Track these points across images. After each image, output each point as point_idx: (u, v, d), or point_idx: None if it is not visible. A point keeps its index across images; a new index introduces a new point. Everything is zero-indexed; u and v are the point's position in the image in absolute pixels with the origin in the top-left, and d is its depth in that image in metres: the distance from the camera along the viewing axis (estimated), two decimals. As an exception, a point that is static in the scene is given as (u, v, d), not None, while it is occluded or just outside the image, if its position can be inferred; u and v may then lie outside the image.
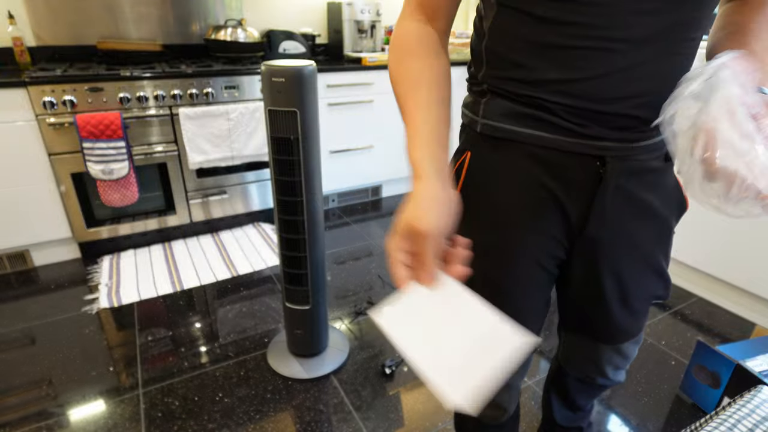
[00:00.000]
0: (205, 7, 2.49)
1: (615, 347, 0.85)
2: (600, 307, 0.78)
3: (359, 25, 2.74)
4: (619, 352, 0.86)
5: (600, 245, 0.70)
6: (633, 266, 0.74)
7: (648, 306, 0.82)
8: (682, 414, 1.38)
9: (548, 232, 0.69)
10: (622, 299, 0.76)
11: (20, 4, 2.11)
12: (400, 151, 2.85)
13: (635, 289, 0.76)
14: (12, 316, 1.76)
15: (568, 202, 0.66)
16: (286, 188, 1.29)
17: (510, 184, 0.68)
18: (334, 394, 1.43)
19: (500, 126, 0.66)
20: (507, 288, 0.73)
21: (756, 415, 0.68)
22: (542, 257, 0.71)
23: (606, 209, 0.67)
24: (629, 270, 0.74)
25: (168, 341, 1.64)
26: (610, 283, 0.74)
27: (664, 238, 0.76)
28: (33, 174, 1.91)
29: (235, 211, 2.44)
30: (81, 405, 1.37)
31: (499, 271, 0.72)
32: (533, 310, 0.76)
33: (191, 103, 2.10)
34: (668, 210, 0.73)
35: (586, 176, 0.65)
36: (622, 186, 0.66)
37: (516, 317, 0.74)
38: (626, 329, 0.82)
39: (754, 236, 1.69)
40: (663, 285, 0.79)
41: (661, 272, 0.78)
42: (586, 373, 0.93)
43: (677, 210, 0.76)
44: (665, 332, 1.72)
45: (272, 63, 1.18)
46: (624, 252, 0.72)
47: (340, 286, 1.99)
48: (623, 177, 0.65)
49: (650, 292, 0.79)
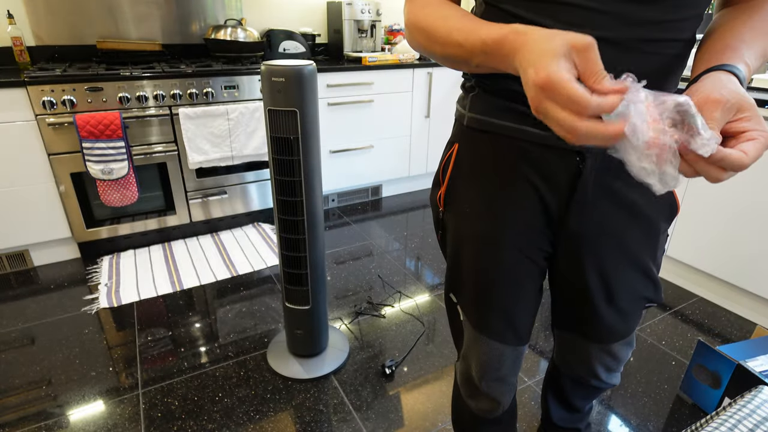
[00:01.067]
0: (205, 6, 2.49)
1: (604, 347, 0.85)
2: (587, 304, 0.78)
3: (359, 24, 2.74)
4: (609, 352, 0.85)
5: (583, 241, 0.71)
6: (618, 265, 0.74)
7: (638, 308, 0.80)
8: (682, 414, 1.38)
9: (530, 223, 0.71)
10: (608, 297, 0.77)
11: (20, 4, 2.11)
12: (400, 151, 2.85)
13: (620, 288, 0.76)
14: (12, 316, 1.76)
15: (548, 195, 0.68)
16: (286, 188, 1.28)
17: (493, 176, 0.70)
18: (334, 394, 1.43)
19: (484, 119, 0.69)
20: (494, 277, 0.74)
21: (757, 415, 0.68)
22: (526, 248, 0.73)
23: (586, 204, 0.68)
24: (614, 268, 0.74)
25: (168, 341, 1.64)
26: (595, 280, 0.75)
27: (652, 240, 0.75)
28: (32, 174, 1.91)
29: (235, 211, 2.43)
30: (81, 405, 1.37)
31: (486, 259, 0.74)
32: (521, 298, 0.77)
33: (191, 102, 2.10)
34: (655, 211, 0.73)
35: (566, 170, 0.66)
36: (604, 183, 0.67)
37: (504, 306, 0.76)
38: (614, 329, 0.81)
39: (755, 236, 1.69)
40: (652, 287, 0.78)
41: (648, 273, 0.77)
42: (578, 372, 0.93)
43: (667, 212, 0.75)
44: (665, 332, 1.72)
45: (272, 63, 1.18)
46: (608, 249, 0.73)
47: (340, 286, 1.99)
48: (604, 173, 0.66)
49: (638, 293, 0.78)
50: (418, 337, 1.68)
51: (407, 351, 1.61)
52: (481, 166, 0.71)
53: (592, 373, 0.90)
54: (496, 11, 0.62)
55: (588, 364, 0.89)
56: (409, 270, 2.13)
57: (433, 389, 1.45)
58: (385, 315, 1.80)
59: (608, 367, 0.89)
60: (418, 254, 2.27)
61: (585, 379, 0.93)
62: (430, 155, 2.99)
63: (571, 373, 0.97)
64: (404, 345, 1.64)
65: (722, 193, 1.76)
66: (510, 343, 0.79)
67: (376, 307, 1.85)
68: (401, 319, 1.78)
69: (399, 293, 1.95)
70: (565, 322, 0.87)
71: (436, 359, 1.57)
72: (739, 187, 1.71)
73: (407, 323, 1.76)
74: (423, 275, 2.09)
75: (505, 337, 0.78)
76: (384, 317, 1.79)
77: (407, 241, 2.41)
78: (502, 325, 0.77)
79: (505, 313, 0.77)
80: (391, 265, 2.17)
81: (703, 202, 1.84)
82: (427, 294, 1.95)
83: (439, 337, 1.68)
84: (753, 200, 1.68)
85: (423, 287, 1.99)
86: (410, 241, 2.40)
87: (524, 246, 0.73)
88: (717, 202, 1.79)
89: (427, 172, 3.07)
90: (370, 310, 1.83)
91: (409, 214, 2.74)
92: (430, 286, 2.00)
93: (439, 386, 1.46)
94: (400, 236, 2.46)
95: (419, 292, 1.96)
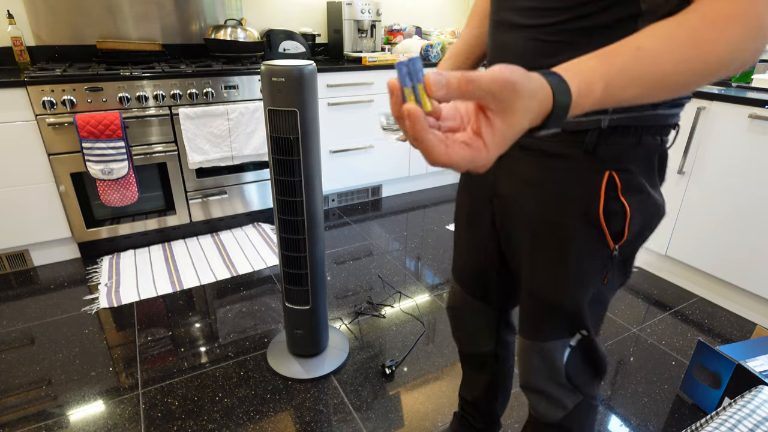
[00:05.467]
0: (205, 6, 2.49)
1: (535, 344, 0.76)
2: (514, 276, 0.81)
3: (359, 24, 2.74)
4: (542, 353, 0.75)
5: (505, 207, 0.76)
6: (531, 257, 0.72)
7: (560, 311, 0.71)
8: (682, 414, 1.38)
9: (474, 186, 0.82)
10: (518, 268, 0.77)
11: (20, 4, 2.11)
12: (400, 151, 2.85)
13: (531, 272, 0.73)
14: (12, 316, 1.76)
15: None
16: (286, 188, 1.28)
17: None
18: (334, 394, 1.43)
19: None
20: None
21: (757, 415, 0.68)
22: (474, 206, 0.84)
23: (500, 177, 0.74)
24: (527, 258, 0.73)
25: (168, 341, 1.64)
26: (509, 251, 0.79)
27: (560, 245, 0.67)
28: (33, 174, 1.91)
29: (235, 211, 2.43)
30: (81, 405, 1.37)
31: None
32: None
33: (191, 102, 2.10)
34: (561, 210, 0.66)
35: None
36: (509, 158, 0.70)
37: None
38: (534, 319, 0.75)
39: (754, 236, 1.69)
40: (564, 300, 0.70)
41: (560, 286, 0.69)
42: (521, 378, 0.83)
43: (583, 220, 0.64)
44: (665, 332, 1.72)
45: (272, 63, 1.18)
46: (524, 228, 0.72)
47: (340, 286, 1.99)
48: (512, 151, 0.66)
49: (546, 292, 0.71)
50: (418, 337, 1.68)
51: (407, 351, 1.61)
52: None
53: (528, 384, 0.81)
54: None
55: (524, 369, 0.81)
56: (409, 270, 2.13)
57: (433, 389, 1.45)
58: (385, 315, 1.80)
59: (544, 378, 0.77)
60: (418, 254, 2.27)
61: (528, 396, 0.84)
62: (430, 155, 2.99)
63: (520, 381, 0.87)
64: (404, 345, 1.64)
65: (722, 193, 1.76)
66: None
67: (376, 307, 1.85)
68: (401, 319, 1.78)
69: (399, 293, 1.95)
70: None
71: (436, 359, 1.57)
72: (739, 187, 1.71)
73: (407, 323, 1.76)
74: (423, 275, 2.09)
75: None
76: (384, 317, 1.79)
77: (407, 241, 2.41)
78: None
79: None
80: (391, 265, 2.17)
81: (702, 203, 1.84)
82: (427, 294, 1.95)
83: (439, 337, 1.68)
84: (753, 200, 1.68)
85: (423, 287, 1.99)
86: (410, 241, 2.40)
87: (473, 206, 0.89)
88: (717, 203, 1.79)
89: (427, 172, 3.07)
90: (370, 310, 1.83)
91: (409, 214, 2.74)
92: (430, 286, 2.00)
93: (439, 386, 1.46)
94: (400, 236, 2.46)
95: (419, 292, 1.96)
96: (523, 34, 0.63)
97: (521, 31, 0.64)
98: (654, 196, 0.65)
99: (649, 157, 0.63)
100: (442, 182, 3.24)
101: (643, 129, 0.61)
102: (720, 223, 1.79)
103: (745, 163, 1.68)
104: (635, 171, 0.62)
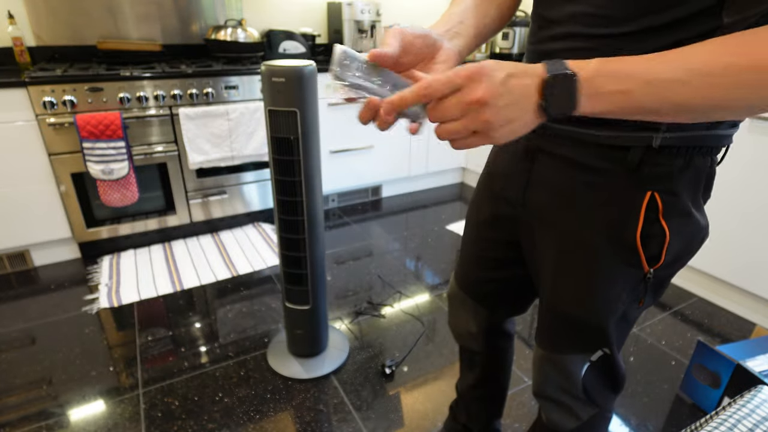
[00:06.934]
0: (205, 7, 2.49)
1: (551, 356, 0.74)
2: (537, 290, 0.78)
3: (359, 25, 2.74)
4: (559, 365, 0.73)
5: (532, 217, 0.71)
6: (561, 269, 0.68)
7: (584, 330, 0.69)
8: (682, 414, 1.38)
9: (496, 193, 0.78)
10: (548, 287, 0.72)
11: (20, 4, 2.11)
12: (400, 151, 2.85)
13: (558, 284, 0.70)
14: (12, 316, 1.76)
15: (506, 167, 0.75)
16: (286, 188, 1.29)
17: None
18: (334, 394, 1.43)
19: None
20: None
21: (756, 415, 0.68)
22: (489, 208, 0.81)
23: (532, 186, 0.69)
24: (557, 270, 0.68)
25: (168, 341, 1.64)
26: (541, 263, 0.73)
27: (589, 263, 0.64)
28: (33, 174, 1.91)
29: (235, 211, 2.43)
30: (81, 405, 1.37)
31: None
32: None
33: (191, 103, 2.10)
34: (592, 228, 0.62)
35: (517, 150, 0.71)
36: (546, 171, 0.66)
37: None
38: (554, 331, 0.73)
39: (754, 236, 1.69)
40: (590, 319, 0.67)
41: (588, 306, 0.66)
42: (534, 385, 0.81)
43: (617, 240, 0.60)
44: (665, 332, 1.72)
45: (272, 63, 1.18)
46: (551, 241, 0.68)
47: (340, 286, 1.99)
48: (547, 159, 0.66)
49: (571, 308, 0.69)
50: (418, 337, 1.68)
51: (407, 351, 1.61)
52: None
53: (541, 392, 0.79)
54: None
55: (538, 378, 0.79)
56: (409, 270, 2.13)
57: (433, 389, 1.45)
58: (385, 315, 1.81)
59: (560, 390, 0.75)
60: (418, 254, 2.27)
61: (539, 401, 0.83)
62: (430, 155, 2.99)
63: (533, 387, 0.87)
64: (404, 345, 1.64)
65: (721, 193, 1.76)
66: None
67: (376, 307, 1.85)
68: (401, 319, 1.78)
69: (399, 293, 1.95)
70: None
71: (436, 359, 1.58)
72: (739, 187, 1.71)
73: (407, 323, 1.76)
74: (423, 275, 2.09)
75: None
76: (384, 317, 1.79)
77: (407, 241, 2.41)
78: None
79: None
80: (391, 265, 2.17)
81: (702, 202, 1.84)
82: (427, 294, 1.95)
83: (439, 337, 1.69)
84: (752, 200, 1.68)
85: (423, 287, 2.00)
86: (410, 241, 2.40)
87: (489, 209, 0.87)
88: (716, 203, 1.79)
89: (427, 173, 3.07)
90: (370, 310, 1.83)
91: (409, 214, 2.74)
92: (430, 286, 2.00)
93: (439, 386, 1.46)
94: (400, 236, 2.46)
95: (419, 292, 1.96)
96: (585, 55, 0.56)
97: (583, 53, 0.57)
98: (696, 218, 0.61)
99: (698, 178, 0.58)
100: (443, 182, 3.25)
101: (695, 149, 0.56)
102: (720, 223, 1.79)
103: (745, 163, 1.68)
104: (680, 192, 0.58)
